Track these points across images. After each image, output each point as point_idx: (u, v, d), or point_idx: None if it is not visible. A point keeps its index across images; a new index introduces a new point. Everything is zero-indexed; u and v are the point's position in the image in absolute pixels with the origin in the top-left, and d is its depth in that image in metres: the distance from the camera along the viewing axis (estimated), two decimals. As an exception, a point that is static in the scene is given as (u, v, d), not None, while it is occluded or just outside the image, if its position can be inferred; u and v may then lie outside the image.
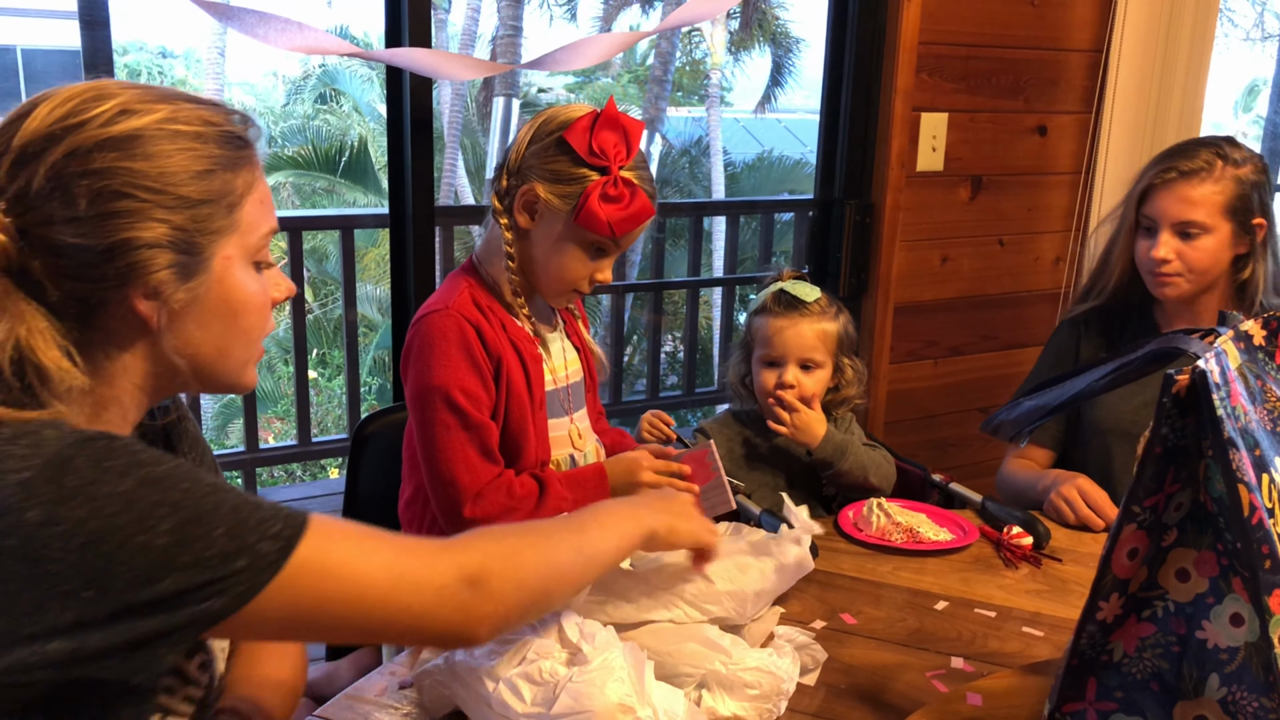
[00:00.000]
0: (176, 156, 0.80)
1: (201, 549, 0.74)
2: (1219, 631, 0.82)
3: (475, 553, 0.86)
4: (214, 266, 0.84)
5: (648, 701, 0.92)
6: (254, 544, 0.76)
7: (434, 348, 1.34)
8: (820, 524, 1.29)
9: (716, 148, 13.30)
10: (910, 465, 1.81)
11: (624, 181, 1.32)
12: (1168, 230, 1.63)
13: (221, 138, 0.84)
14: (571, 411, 1.49)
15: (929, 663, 1.19)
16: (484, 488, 1.33)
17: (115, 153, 0.78)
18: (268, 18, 1.75)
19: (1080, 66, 2.63)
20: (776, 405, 1.66)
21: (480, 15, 12.24)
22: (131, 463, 0.74)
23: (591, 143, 1.31)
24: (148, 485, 0.74)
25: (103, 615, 0.72)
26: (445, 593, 0.83)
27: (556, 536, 0.94)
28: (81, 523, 0.71)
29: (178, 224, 0.80)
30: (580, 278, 1.38)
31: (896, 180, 2.46)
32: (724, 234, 4.08)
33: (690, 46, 14.09)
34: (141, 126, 0.79)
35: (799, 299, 1.67)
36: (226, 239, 0.84)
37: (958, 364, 2.72)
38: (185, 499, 0.75)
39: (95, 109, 0.79)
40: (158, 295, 0.81)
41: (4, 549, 0.70)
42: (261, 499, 0.80)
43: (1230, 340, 0.85)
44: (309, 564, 0.78)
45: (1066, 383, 0.94)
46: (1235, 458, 0.77)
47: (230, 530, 0.75)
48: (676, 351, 10.22)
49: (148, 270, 0.80)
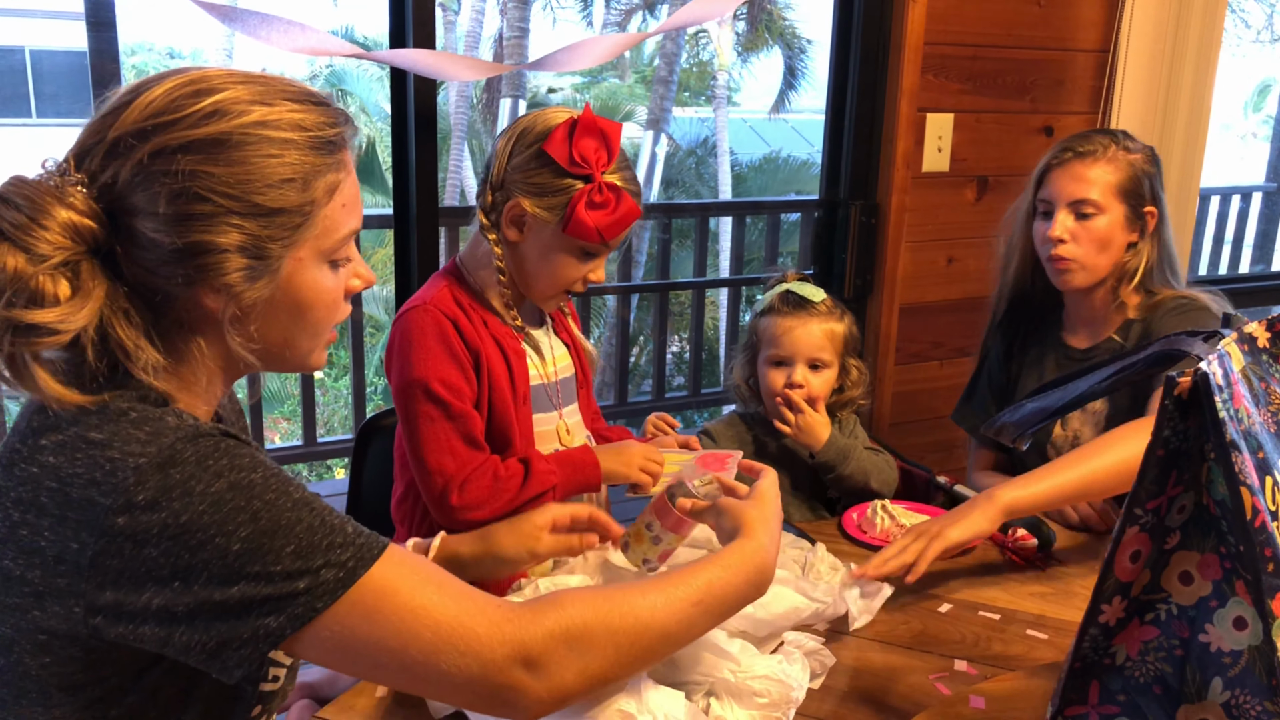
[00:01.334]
0: (259, 164, 0.81)
1: (270, 562, 0.76)
2: (1222, 635, 0.81)
3: (535, 630, 0.81)
4: (284, 269, 0.85)
5: (647, 707, 0.92)
6: (318, 568, 0.77)
7: (413, 342, 1.36)
8: (824, 525, 1.28)
9: (723, 148, 13.30)
10: (915, 467, 1.80)
11: (608, 187, 1.32)
12: (1064, 209, 1.67)
13: (311, 143, 0.84)
14: (560, 407, 1.49)
15: (933, 665, 1.19)
16: (470, 474, 1.33)
17: (199, 155, 0.79)
18: (270, 19, 1.75)
19: (1087, 67, 2.63)
20: (784, 405, 1.65)
21: (485, 17, 12.25)
22: (230, 465, 0.78)
23: (572, 152, 1.31)
24: (236, 490, 0.77)
25: (184, 609, 0.76)
26: (492, 667, 0.80)
27: (641, 601, 0.86)
28: (176, 515, 0.75)
29: (251, 231, 0.82)
30: (573, 281, 1.40)
31: (902, 181, 2.46)
32: (730, 234, 4.08)
33: (698, 48, 14.09)
34: (229, 130, 0.80)
35: (806, 299, 1.67)
36: (300, 244, 0.85)
37: (963, 365, 2.71)
38: (265, 510, 0.77)
39: (190, 106, 0.80)
40: (225, 293, 0.83)
41: (115, 526, 0.75)
42: (348, 523, 0.82)
43: (1234, 342, 0.84)
44: (364, 601, 0.78)
45: (1068, 385, 0.93)
46: (1238, 460, 0.76)
47: (299, 550, 0.77)
48: (683, 352, 10.22)
49: (218, 273, 0.82)
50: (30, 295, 0.77)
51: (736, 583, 0.92)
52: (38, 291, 0.77)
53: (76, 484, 0.77)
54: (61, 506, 0.77)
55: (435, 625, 0.79)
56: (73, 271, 0.79)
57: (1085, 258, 1.66)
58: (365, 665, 0.81)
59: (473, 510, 1.33)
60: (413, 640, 0.79)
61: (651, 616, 0.86)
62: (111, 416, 0.79)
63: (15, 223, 0.77)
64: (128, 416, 0.79)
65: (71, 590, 0.77)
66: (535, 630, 0.81)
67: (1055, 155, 1.70)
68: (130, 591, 0.76)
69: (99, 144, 0.80)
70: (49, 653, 0.79)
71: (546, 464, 1.38)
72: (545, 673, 0.81)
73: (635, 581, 0.92)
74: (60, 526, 0.77)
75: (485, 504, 1.33)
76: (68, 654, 0.79)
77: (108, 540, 0.75)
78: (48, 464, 0.78)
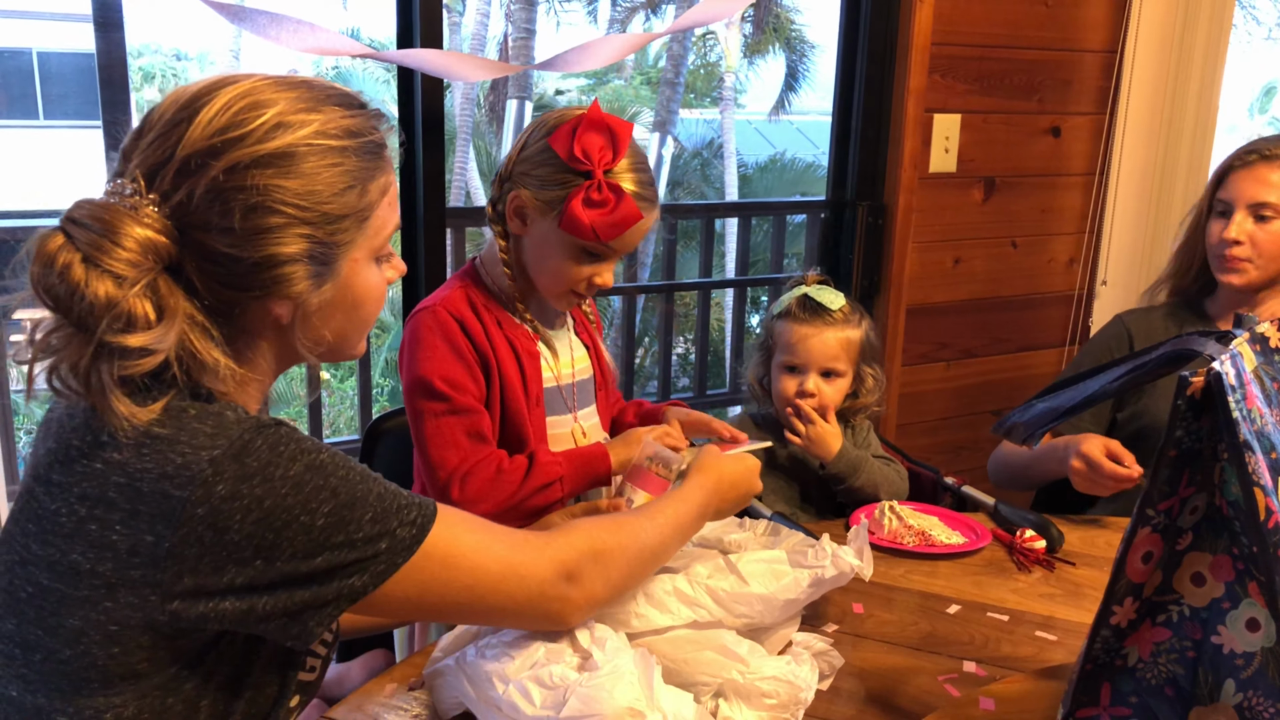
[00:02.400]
0: (324, 174, 0.85)
1: (353, 531, 0.83)
2: (1235, 636, 0.81)
3: (570, 551, 0.95)
4: (343, 270, 0.89)
5: (656, 706, 0.91)
6: (394, 529, 0.85)
7: (420, 342, 1.36)
8: (831, 526, 1.28)
9: (730, 150, 13.30)
10: (922, 468, 1.80)
11: (609, 186, 1.30)
12: (1242, 211, 1.66)
13: (363, 148, 0.88)
14: (576, 409, 1.48)
15: (941, 667, 1.19)
16: (472, 468, 1.33)
17: (270, 169, 0.82)
18: (279, 19, 1.75)
19: (1094, 67, 2.62)
20: (794, 415, 1.65)
21: (490, 19, 12.27)
22: (300, 450, 0.83)
23: (574, 147, 1.29)
24: (313, 470, 0.82)
25: (266, 582, 0.81)
26: (545, 584, 0.93)
27: (637, 526, 1.03)
28: (259, 500, 0.80)
29: (318, 238, 0.86)
30: (575, 281, 1.37)
31: (909, 182, 2.46)
32: (736, 236, 4.07)
33: (705, 50, 14.10)
34: (294, 142, 0.83)
35: (824, 306, 1.65)
36: (357, 245, 0.89)
37: (970, 366, 2.71)
38: (342, 485, 0.83)
39: (254, 121, 0.82)
40: (294, 300, 0.87)
41: (195, 516, 0.78)
42: (398, 488, 0.89)
43: (1246, 342, 0.84)
44: (436, 550, 0.88)
45: (1081, 384, 0.93)
46: (1251, 461, 0.76)
47: (376, 516, 0.85)
48: (688, 353, 10.22)
49: (289, 283, 0.85)
50: (126, 320, 0.79)
51: (692, 513, 1.11)
52: (131, 315, 0.79)
53: (147, 479, 0.79)
54: (132, 501, 0.79)
55: (497, 560, 0.91)
56: (153, 291, 0.81)
57: (1260, 259, 1.65)
58: (444, 605, 0.90)
59: (474, 503, 1.32)
60: (483, 576, 0.90)
61: (646, 538, 1.03)
62: (173, 414, 0.82)
63: (94, 244, 0.78)
64: (188, 414, 0.82)
65: (146, 580, 0.79)
66: (570, 550, 0.95)
67: (1239, 157, 1.68)
68: (210, 575, 0.79)
69: (168, 163, 0.82)
70: (119, 643, 0.81)
71: (552, 456, 1.37)
72: (581, 584, 0.95)
73: (627, 512, 1.13)
74: (133, 520, 0.79)
75: (487, 497, 1.32)
76: (137, 643, 0.82)
77: (187, 530, 0.78)
78: (113, 460, 0.80)
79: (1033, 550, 1.47)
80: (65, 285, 0.78)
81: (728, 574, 1.13)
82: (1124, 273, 2.65)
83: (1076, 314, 2.78)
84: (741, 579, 1.12)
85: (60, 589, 0.81)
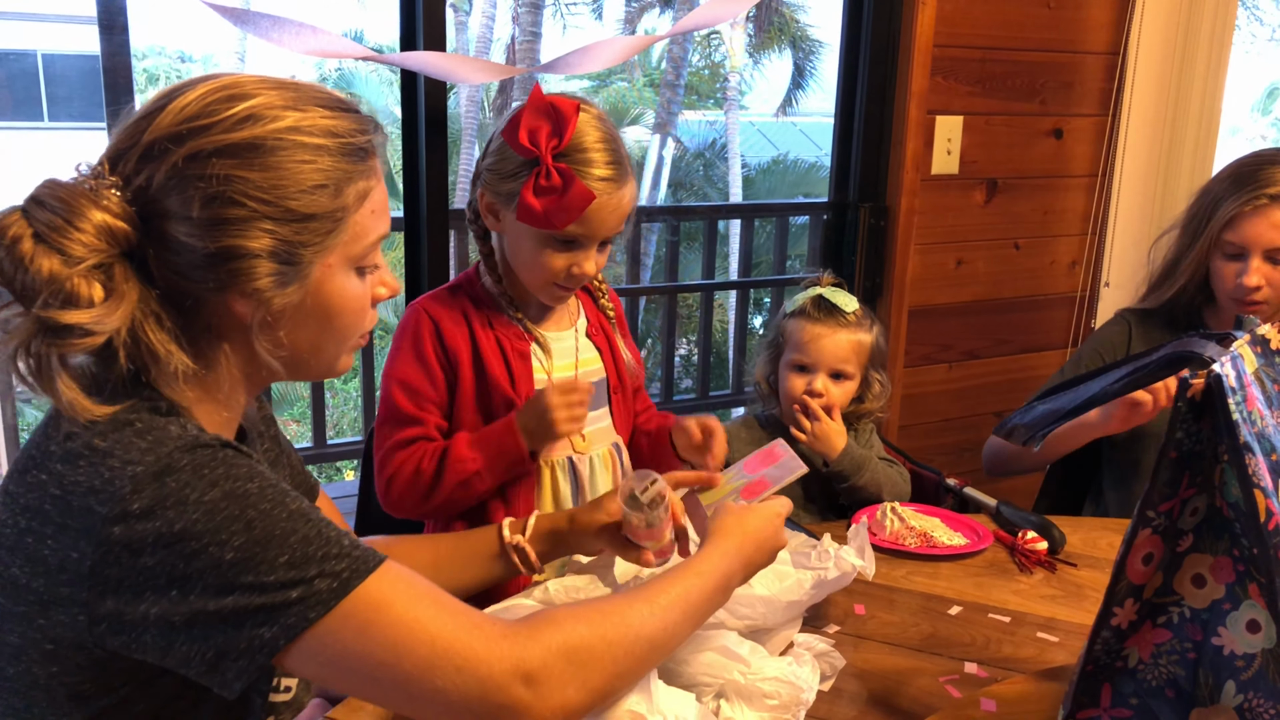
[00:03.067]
0: (292, 169, 0.81)
1: (264, 572, 0.75)
2: (1235, 638, 0.81)
3: (534, 647, 0.80)
4: (313, 275, 0.85)
5: (657, 708, 0.91)
6: (312, 578, 0.76)
7: (394, 342, 1.40)
8: (833, 527, 1.28)
9: (734, 151, 13.29)
10: (925, 470, 1.80)
11: (557, 170, 1.26)
12: (1258, 257, 1.64)
13: (343, 150, 0.84)
14: None
15: (943, 668, 1.19)
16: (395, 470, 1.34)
17: (233, 160, 0.79)
18: (282, 21, 1.76)
19: (1097, 69, 2.62)
20: (800, 412, 1.65)
21: (495, 22, 12.29)
22: (225, 474, 0.77)
23: (520, 135, 1.28)
24: (231, 499, 0.76)
25: (181, 618, 0.75)
26: (492, 683, 0.78)
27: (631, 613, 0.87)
28: (170, 524, 0.75)
29: (283, 236, 0.82)
30: (553, 273, 1.34)
31: (911, 183, 2.46)
32: (739, 237, 4.08)
33: (709, 50, 14.10)
34: (263, 135, 0.81)
35: (837, 307, 1.66)
36: (330, 250, 0.85)
37: (973, 368, 2.71)
38: (260, 520, 0.77)
39: (224, 111, 0.80)
40: (256, 299, 0.83)
41: (111, 535, 0.75)
42: (346, 536, 0.81)
43: (1247, 344, 0.84)
44: (358, 613, 0.77)
45: (1081, 386, 0.93)
46: (1251, 463, 0.76)
47: (293, 560, 0.76)
48: (691, 355, 10.22)
49: (249, 278, 0.82)
50: (65, 297, 0.76)
51: (709, 589, 0.95)
52: (73, 293, 0.76)
53: (77, 492, 0.76)
54: (63, 514, 0.77)
55: (431, 640, 0.78)
56: (106, 274, 0.79)
57: (1276, 299, 1.64)
58: (359, 680, 0.79)
59: (399, 508, 1.35)
60: (407, 655, 0.77)
61: (642, 626, 0.87)
62: (117, 425, 0.79)
63: (50, 224, 0.77)
64: (132, 426, 0.79)
65: (74, 599, 0.76)
66: (534, 647, 0.80)
67: (1247, 200, 1.64)
68: (129, 601, 0.75)
69: (133, 148, 0.81)
70: (56, 661, 0.79)
71: (464, 451, 1.34)
72: (546, 689, 0.79)
73: (621, 594, 0.93)
74: (62, 535, 0.76)
75: (407, 498, 1.34)
76: (74, 662, 0.79)
77: (105, 549, 0.75)
78: (55, 471, 0.78)
79: (1034, 552, 1.47)
80: (12, 259, 0.76)
81: None
82: (1127, 275, 2.65)
83: (1079, 316, 2.78)
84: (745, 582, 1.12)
85: (2, 603, 0.80)
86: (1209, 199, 1.71)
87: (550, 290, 1.38)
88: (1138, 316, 1.84)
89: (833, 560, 1.17)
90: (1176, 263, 1.77)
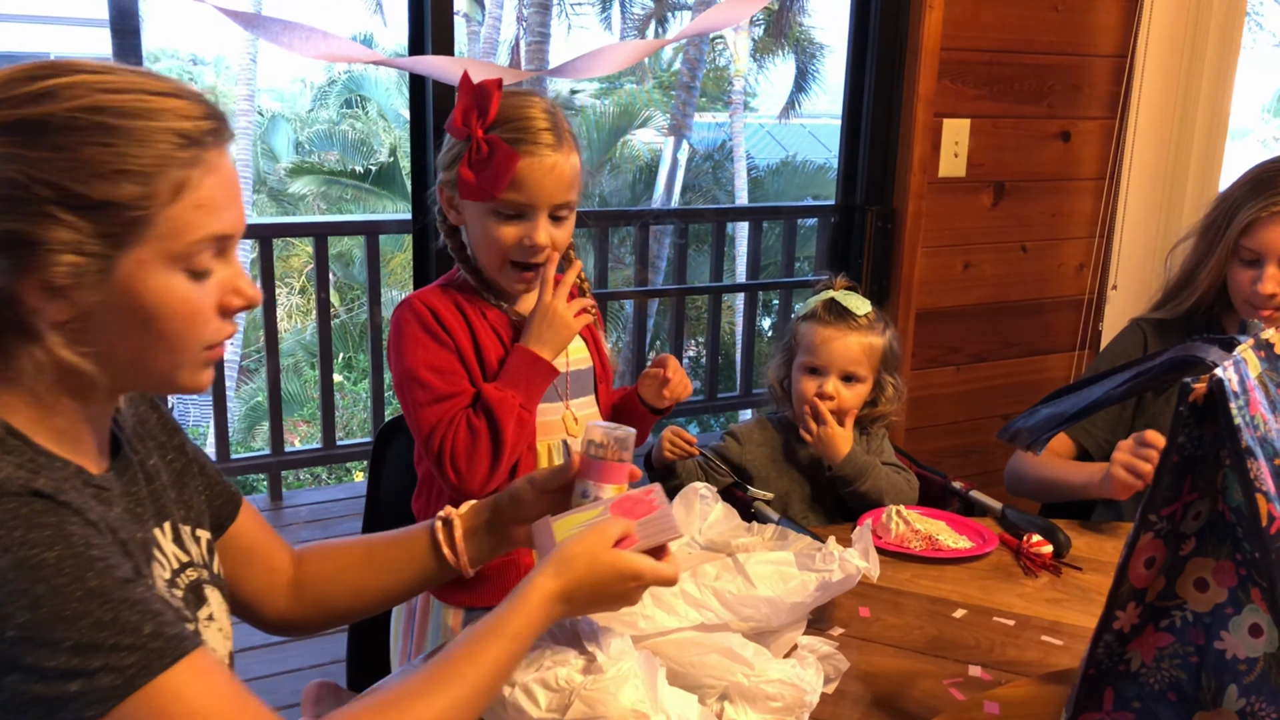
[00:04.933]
0: (85, 152, 0.74)
1: (44, 657, 0.68)
2: (1238, 642, 0.81)
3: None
4: (119, 271, 0.77)
5: (661, 708, 0.92)
6: (95, 670, 0.69)
7: (402, 335, 1.39)
8: (837, 530, 1.28)
9: (740, 153, 13.30)
10: (931, 473, 1.80)
11: (487, 142, 1.31)
12: (1275, 264, 1.63)
13: (157, 134, 0.76)
14: (568, 398, 1.49)
15: (947, 670, 1.19)
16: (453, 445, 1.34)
17: (19, 137, 0.73)
18: (292, 26, 1.77)
19: (1104, 71, 2.62)
20: (809, 414, 1.66)
21: (501, 24, 12.31)
22: (23, 539, 0.69)
23: (455, 119, 1.33)
24: (21, 569, 0.69)
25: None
26: None
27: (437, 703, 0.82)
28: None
29: (73, 224, 0.74)
30: (508, 246, 1.36)
31: (918, 186, 2.46)
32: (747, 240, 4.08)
33: (714, 54, 14.11)
34: (55, 112, 0.74)
35: (850, 310, 1.67)
36: (138, 244, 0.76)
37: (980, 371, 2.71)
38: (51, 597, 0.69)
39: (21, 89, 0.74)
40: (54, 294, 0.76)
41: None
42: (151, 620, 0.72)
43: (1250, 348, 0.84)
44: (140, 713, 0.70)
45: (1084, 390, 0.93)
46: (1253, 467, 0.76)
47: (78, 646, 0.69)
48: (699, 357, 10.22)
49: (39, 267, 0.74)
50: None
51: (520, 651, 0.90)
52: None
53: None
54: None
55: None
56: None
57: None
58: None
59: (469, 477, 1.34)
60: None
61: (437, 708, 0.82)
62: None
63: None
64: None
65: None
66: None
67: (1265, 206, 1.63)
68: None
69: None
70: None
71: (499, 392, 1.36)
72: None
73: (420, 676, 0.85)
74: None
75: (476, 462, 1.33)
76: None
77: None
78: None
79: (1039, 555, 1.47)
80: None
81: (735, 576, 1.13)
82: (1134, 278, 2.65)
83: (1087, 319, 2.78)
84: (749, 581, 1.13)
85: None
86: (1227, 205, 1.70)
87: (508, 272, 1.40)
88: (1154, 326, 1.82)
89: (837, 562, 1.17)
90: (1194, 270, 1.75)
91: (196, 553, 0.95)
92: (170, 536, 0.91)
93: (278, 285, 3.93)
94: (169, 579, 0.89)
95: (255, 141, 12.34)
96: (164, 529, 0.91)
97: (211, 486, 1.02)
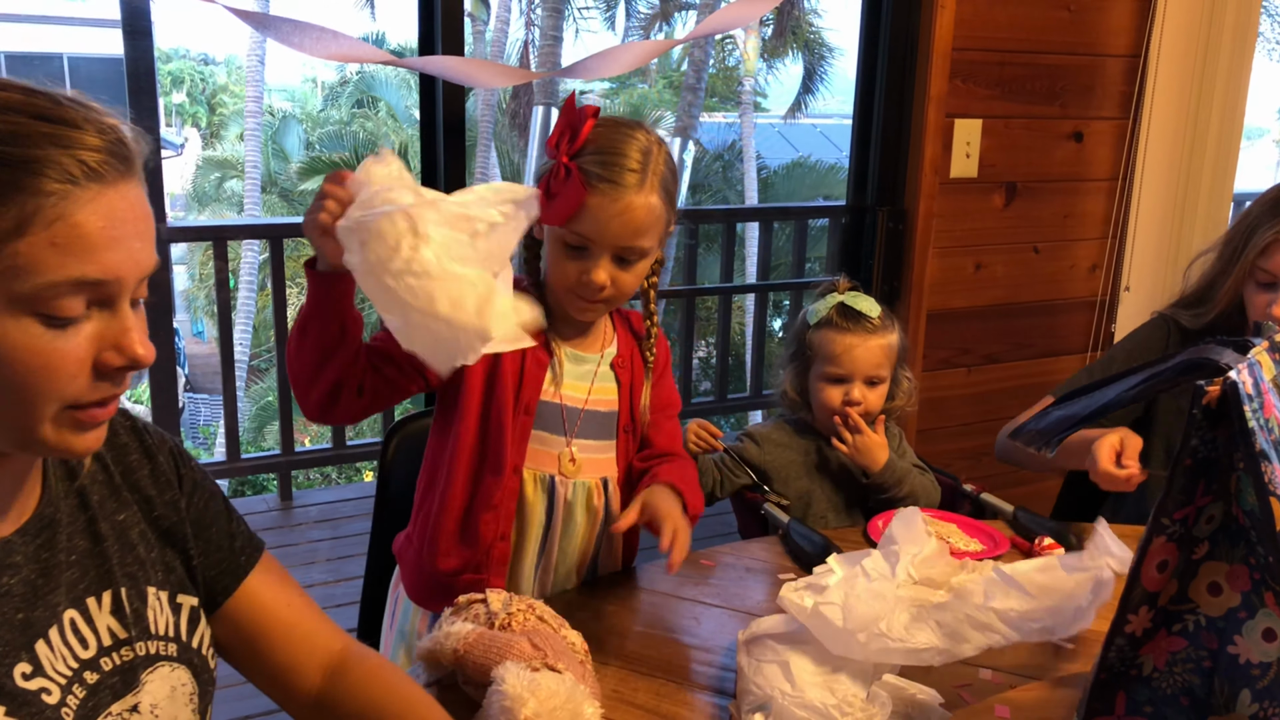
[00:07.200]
0: None
1: None
2: (1251, 646, 0.81)
3: None
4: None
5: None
6: None
7: None
8: (848, 533, 1.27)
9: (750, 153, 13.31)
10: (942, 475, 1.79)
11: (565, 168, 1.26)
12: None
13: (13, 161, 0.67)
14: (572, 435, 1.40)
15: (957, 674, 1.18)
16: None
17: None
18: (303, 26, 1.77)
19: (1117, 72, 2.61)
20: (841, 424, 1.65)
21: (510, 25, 12.35)
22: None
23: (550, 139, 1.29)
24: None
25: None
26: None
27: None
28: None
29: None
30: (569, 278, 1.31)
31: (930, 187, 2.45)
32: (757, 240, 4.08)
33: (724, 54, 14.12)
34: None
35: (863, 314, 1.66)
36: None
37: (991, 372, 2.70)
38: None
39: None
40: None
41: None
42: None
43: (1265, 351, 0.84)
44: None
45: (1096, 392, 0.93)
46: (1268, 470, 0.76)
47: None
48: (709, 357, 10.23)
49: None
50: None
51: None
52: None
53: None
54: None
55: None
56: None
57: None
58: None
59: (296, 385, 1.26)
60: None
61: None
62: None
63: None
64: None
65: None
66: None
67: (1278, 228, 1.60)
68: None
69: None
70: None
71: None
72: None
73: None
74: None
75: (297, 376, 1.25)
76: None
77: None
78: None
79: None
80: None
81: (1009, 591, 1.03)
82: (1147, 279, 2.64)
83: (1099, 320, 2.77)
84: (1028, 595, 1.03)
85: None
86: (1246, 224, 1.66)
87: (571, 299, 1.35)
88: (1181, 331, 1.77)
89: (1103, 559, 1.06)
90: (1212, 287, 1.72)
91: (163, 623, 0.86)
92: (108, 608, 0.82)
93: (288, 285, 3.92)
94: (88, 659, 0.80)
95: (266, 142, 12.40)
96: (100, 599, 0.82)
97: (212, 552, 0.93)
